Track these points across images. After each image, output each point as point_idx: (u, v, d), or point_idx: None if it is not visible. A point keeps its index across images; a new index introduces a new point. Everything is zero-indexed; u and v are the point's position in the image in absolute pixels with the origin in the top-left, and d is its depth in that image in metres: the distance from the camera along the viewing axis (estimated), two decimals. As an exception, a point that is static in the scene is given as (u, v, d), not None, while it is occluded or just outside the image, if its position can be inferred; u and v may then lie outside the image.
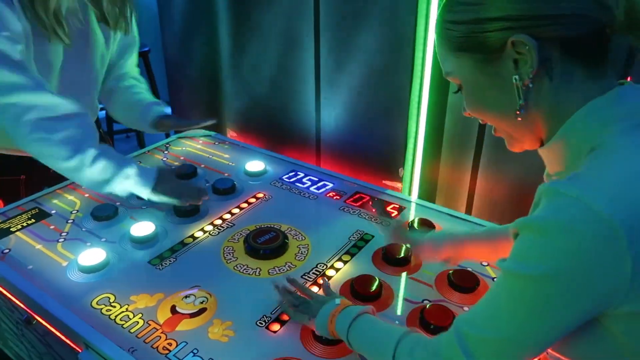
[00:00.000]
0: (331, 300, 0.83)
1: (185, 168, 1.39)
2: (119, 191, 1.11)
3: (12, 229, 1.15)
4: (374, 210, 1.21)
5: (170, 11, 2.01)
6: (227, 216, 1.21)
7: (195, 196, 1.17)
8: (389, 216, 1.19)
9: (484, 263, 1.03)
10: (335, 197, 1.29)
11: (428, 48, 1.35)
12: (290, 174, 1.41)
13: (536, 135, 0.64)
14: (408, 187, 1.53)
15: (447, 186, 1.51)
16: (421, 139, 1.45)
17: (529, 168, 1.28)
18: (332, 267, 1.03)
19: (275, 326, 0.89)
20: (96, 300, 0.95)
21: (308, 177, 1.39)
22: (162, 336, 0.87)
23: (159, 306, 0.93)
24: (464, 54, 0.62)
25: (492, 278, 1.00)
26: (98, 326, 0.88)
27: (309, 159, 1.76)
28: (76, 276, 1.01)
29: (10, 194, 1.27)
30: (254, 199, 1.28)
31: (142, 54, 2.60)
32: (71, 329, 0.88)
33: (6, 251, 1.08)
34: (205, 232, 1.15)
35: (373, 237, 1.12)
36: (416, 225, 1.13)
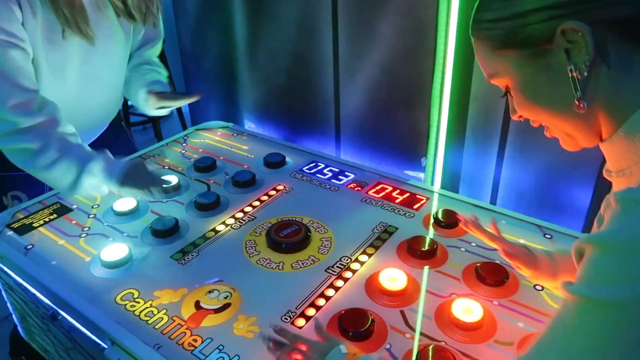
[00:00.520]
0: (334, 349, 0.74)
1: (204, 160, 1.38)
2: (92, 189, 1.09)
3: (35, 224, 1.15)
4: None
5: (184, 1, 1.99)
6: (248, 209, 1.20)
7: (161, 192, 1.11)
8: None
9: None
10: (356, 189, 1.27)
11: (450, 34, 1.31)
12: (310, 165, 1.39)
13: (595, 130, 0.58)
14: (431, 177, 1.50)
15: (471, 176, 1.48)
16: (444, 128, 1.42)
17: (558, 156, 1.24)
18: (357, 261, 1.01)
19: (300, 321, 0.88)
20: (120, 295, 0.94)
21: (329, 168, 1.37)
22: (187, 332, 0.86)
23: (183, 302, 0.93)
24: (509, 52, 0.58)
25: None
26: (123, 322, 0.88)
27: (329, 149, 1.74)
28: (99, 272, 1.01)
29: (34, 187, 1.27)
30: (274, 191, 1.27)
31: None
32: (97, 325, 0.88)
33: (30, 247, 1.08)
34: (227, 226, 1.14)
35: (397, 229, 1.10)
36: (440, 216, 1.11)
